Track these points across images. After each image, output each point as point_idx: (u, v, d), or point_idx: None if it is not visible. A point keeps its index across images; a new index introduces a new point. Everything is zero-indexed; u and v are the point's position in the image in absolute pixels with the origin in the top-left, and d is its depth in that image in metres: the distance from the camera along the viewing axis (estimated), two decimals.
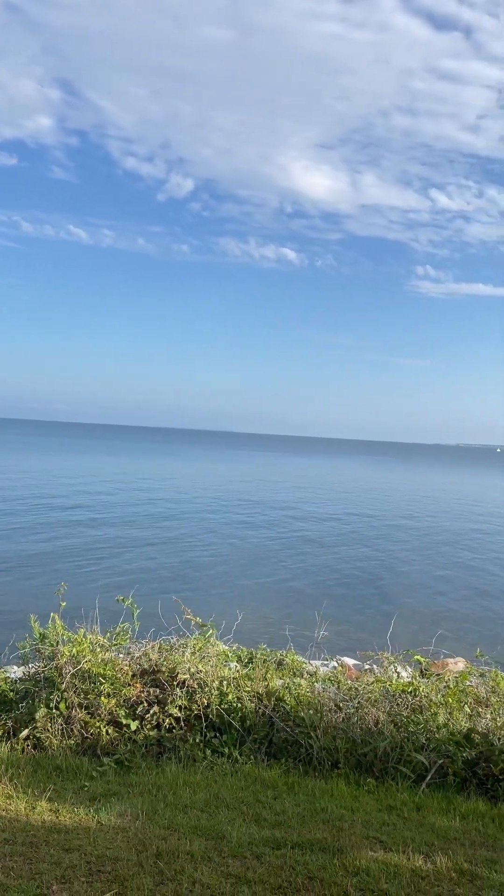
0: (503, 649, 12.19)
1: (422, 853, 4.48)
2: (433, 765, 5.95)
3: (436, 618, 16.97)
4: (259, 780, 5.70)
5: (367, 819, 5.03)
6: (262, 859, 4.21)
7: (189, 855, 4.19)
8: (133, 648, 7.10)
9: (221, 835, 4.51)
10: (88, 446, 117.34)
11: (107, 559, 21.75)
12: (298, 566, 22.96)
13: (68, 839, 4.35)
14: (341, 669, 8.50)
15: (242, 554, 24.50)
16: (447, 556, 26.67)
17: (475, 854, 4.57)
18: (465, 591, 20.81)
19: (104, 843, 4.31)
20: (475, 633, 15.83)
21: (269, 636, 10.98)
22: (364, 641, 11.47)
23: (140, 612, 7.35)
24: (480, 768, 5.96)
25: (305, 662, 8.34)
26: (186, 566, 21.75)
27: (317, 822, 4.87)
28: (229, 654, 7.76)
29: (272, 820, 4.88)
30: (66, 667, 6.47)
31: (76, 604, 7.50)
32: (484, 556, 27.18)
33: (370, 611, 17.57)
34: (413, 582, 21.71)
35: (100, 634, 7.13)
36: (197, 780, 5.60)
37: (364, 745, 6.10)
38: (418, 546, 28.53)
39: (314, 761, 6.08)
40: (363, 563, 24.20)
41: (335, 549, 26.72)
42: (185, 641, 7.28)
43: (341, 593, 19.42)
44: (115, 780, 5.55)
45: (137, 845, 4.29)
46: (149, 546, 24.62)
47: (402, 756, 6.02)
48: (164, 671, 6.63)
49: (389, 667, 7.62)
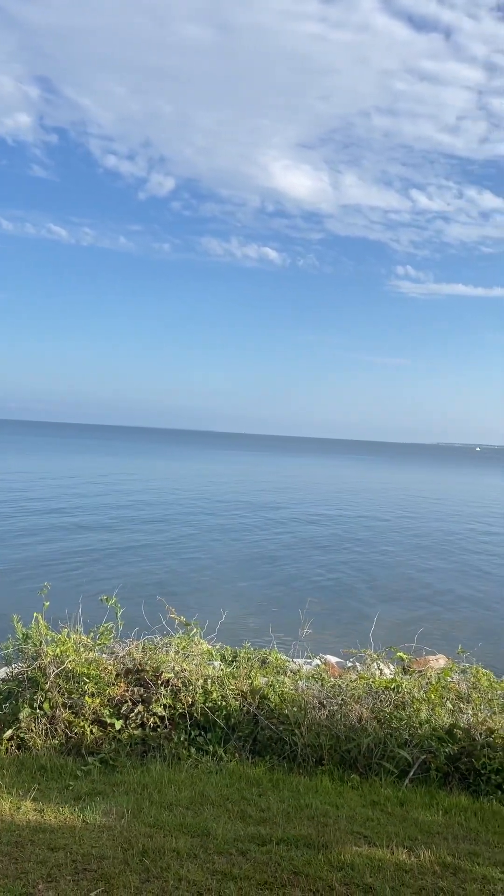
0: (484, 646, 12.33)
1: (405, 847, 4.53)
2: (416, 760, 6.01)
3: (417, 615, 17.10)
4: (244, 777, 5.73)
5: (351, 814, 5.07)
6: (247, 856, 4.23)
7: (175, 852, 4.21)
8: (117, 648, 7.09)
9: (207, 832, 4.53)
10: (64, 446, 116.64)
11: (90, 559, 21.67)
12: (281, 565, 23.02)
13: (54, 838, 4.35)
14: (324, 667, 8.55)
15: (225, 553, 24.52)
16: (428, 554, 26.87)
17: (458, 847, 4.63)
18: (446, 588, 20.99)
19: (90, 841, 4.31)
20: (456, 630, 15.97)
21: (252, 635, 11.00)
22: (347, 639, 11.54)
23: (124, 612, 7.34)
24: (462, 763, 6.03)
25: (289, 660, 8.37)
26: (170, 566, 21.73)
27: (301, 819, 4.90)
28: (213, 652, 7.77)
29: (257, 817, 4.90)
30: (49, 667, 6.46)
31: (59, 604, 7.48)
32: (465, 554, 27.41)
33: (353, 609, 17.66)
34: (395, 580, 21.85)
35: (83, 634, 7.11)
36: (182, 778, 5.61)
37: (348, 741, 6.14)
38: (400, 544, 28.71)
39: (298, 758, 6.11)
40: (345, 561, 24.32)
41: (317, 548, 26.82)
42: (169, 640, 7.28)
43: (324, 592, 19.50)
44: (100, 780, 5.54)
45: (123, 843, 4.30)
46: (133, 546, 24.56)
47: (385, 752, 6.08)
48: (149, 670, 6.63)
49: (372, 664, 7.67)
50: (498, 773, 5.88)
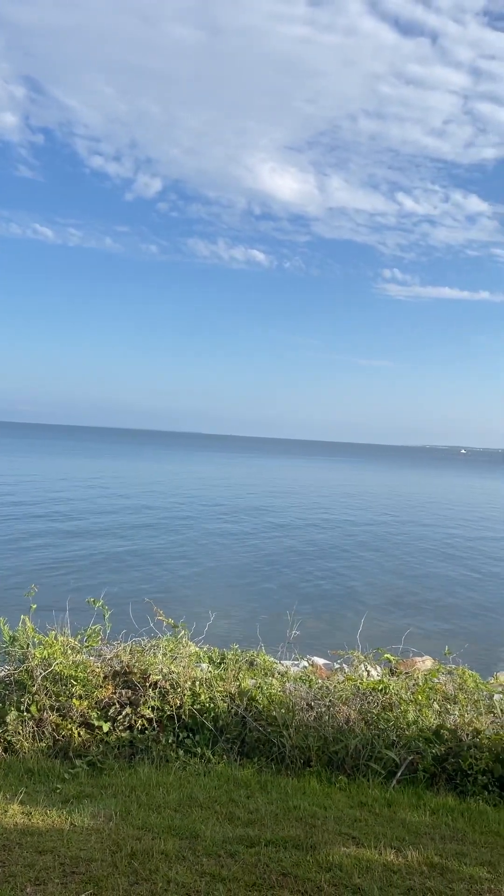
0: (470, 647, 12.40)
1: (393, 848, 4.55)
2: (403, 761, 6.04)
3: (404, 617, 17.17)
4: (232, 779, 5.73)
5: (339, 816, 5.09)
6: (236, 857, 4.24)
7: (163, 854, 4.20)
8: (105, 650, 7.07)
9: (195, 834, 4.53)
10: (52, 447, 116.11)
11: (78, 561, 21.59)
12: (269, 567, 23.03)
13: (41, 841, 4.33)
14: (312, 669, 8.57)
15: (213, 555, 24.50)
16: (415, 556, 26.98)
17: (445, 848, 4.66)
18: (432, 590, 21.09)
19: (78, 844, 4.30)
20: (442, 632, 16.05)
21: (240, 636, 10.99)
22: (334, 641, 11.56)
23: (111, 614, 7.32)
24: (449, 764, 6.07)
25: (276, 662, 8.38)
26: (158, 567, 21.69)
27: (290, 820, 4.91)
28: (201, 654, 7.77)
29: (246, 818, 4.91)
30: (37, 669, 6.43)
31: (47, 606, 7.45)
32: (451, 556, 27.55)
33: (340, 611, 17.70)
34: (382, 582, 21.92)
35: (71, 636, 7.09)
36: (170, 780, 5.60)
37: (336, 742, 6.16)
38: (386, 546, 28.81)
39: (287, 760, 6.12)
40: (332, 563, 24.37)
41: (303, 550, 26.86)
42: (156, 642, 7.27)
43: (311, 594, 19.54)
44: (88, 782, 5.53)
45: (111, 846, 4.29)
46: (120, 548, 24.49)
47: (372, 753, 6.10)
48: (136, 672, 6.62)
49: (360, 665, 7.70)
50: (484, 773, 5.92)
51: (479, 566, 25.62)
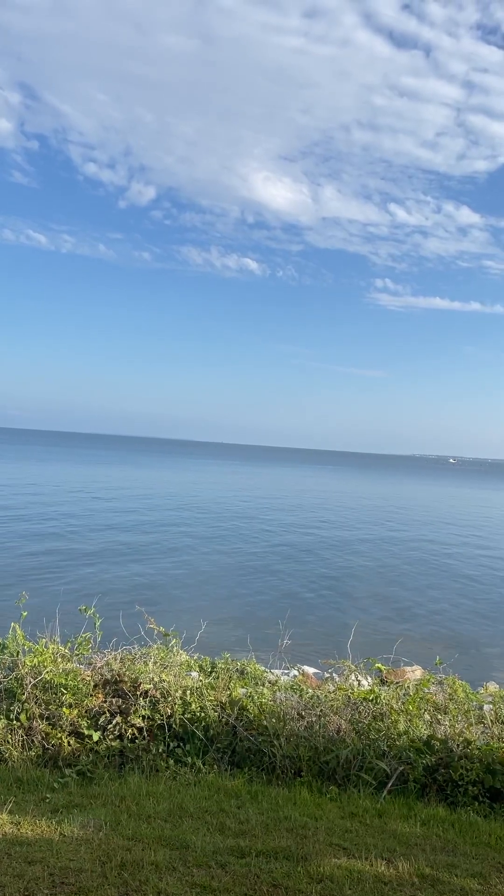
0: (461, 657, 12.43)
1: (384, 859, 4.54)
2: (394, 771, 6.03)
3: (395, 627, 17.17)
4: (223, 789, 5.70)
5: (330, 826, 5.08)
6: (226, 868, 4.22)
7: (153, 865, 4.18)
8: (95, 658, 7.04)
9: (185, 844, 4.51)
10: (44, 453, 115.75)
11: (68, 569, 21.50)
12: (260, 576, 23.00)
13: (30, 851, 4.30)
14: (302, 678, 8.56)
15: (204, 564, 24.45)
16: (405, 565, 27.01)
17: (436, 859, 4.65)
18: (423, 600, 21.10)
19: (67, 854, 4.27)
20: (433, 642, 16.06)
21: (231, 645, 10.97)
22: (325, 650, 11.55)
23: (102, 622, 7.29)
24: (440, 774, 6.06)
25: (267, 671, 8.37)
26: (149, 576, 21.62)
27: (280, 831, 4.89)
28: (192, 663, 7.74)
29: (236, 829, 4.89)
30: (27, 677, 6.40)
31: (37, 614, 7.41)
32: (441, 566, 27.59)
33: (331, 620, 17.69)
34: (372, 592, 21.92)
35: (61, 645, 7.05)
36: (160, 790, 5.58)
37: (326, 752, 6.15)
38: (377, 556, 28.83)
39: (277, 770, 6.10)
40: (323, 572, 24.36)
41: (295, 559, 26.84)
42: (147, 651, 7.25)
43: (302, 603, 19.52)
44: (78, 792, 5.49)
45: (101, 856, 4.26)
46: (111, 556, 24.41)
47: (363, 763, 6.09)
48: (127, 681, 6.59)
49: (350, 675, 7.68)
50: (475, 784, 5.91)
51: (470, 576, 25.66)
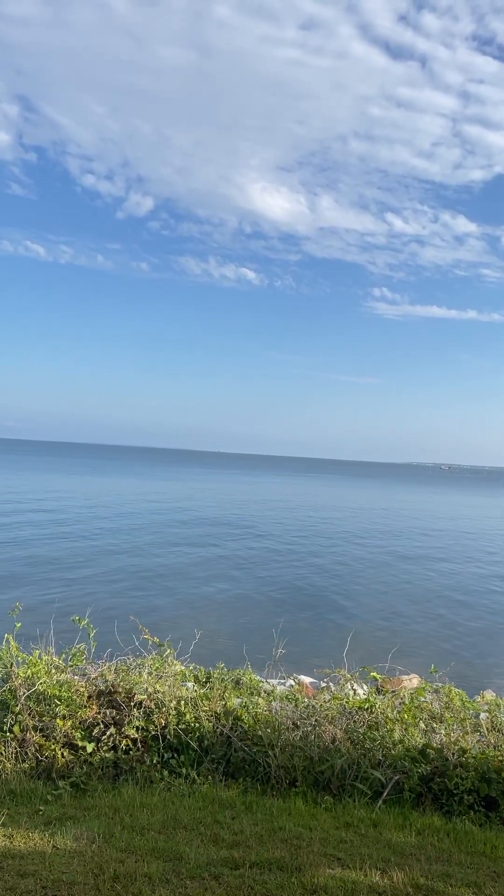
0: (456, 665, 12.41)
1: (379, 869, 4.52)
2: (389, 781, 6.00)
3: (391, 635, 17.15)
4: (217, 800, 5.68)
5: (324, 837, 5.05)
6: (220, 880, 4.20)
7: (147, 877, 4.15)
8: (89, 669, 7.01)
9: (179, 856, 4.48)
10: (40, 463, 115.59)
11: (62, 579, 21.43)
12: (255, 585, 22.96)
13: (23, 864, 4.27)
14: (298, 688, 8.52)
15: (199, 573, 24.40)
16: (401, 573, 26.99)
17: (431, 869, 4.63)
18: (418, 608, 21.08)
19: (60, 867, 4.25)
20: (429, 650, 16.03)
21: (226, 655, 10.93)
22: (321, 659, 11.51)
23: (96, 633, 7.26)
24: (435, 783, 6.04)
25: (262, 681, 8.34)
26: (143, 586, 21.56)
27: (275, 841, 4.87)
28: (186, 673, 7.71)
29: (230, 840, 4.86)
30: (20, 689, 6.36)
31: (31, 624, 7.39)
32: (436, 573, 27.57)
33: (326, 629, 17.65)
34: (368, 600, 21.90)
35: (55, 655, 7.02)
36: (154, 801, 5.55)
37: (321, 762, 6.12)
38: (373, 564, 28.81)
39: (272, 780, 6.08)
40: (319, 581, 24.33)
41: (290, 568, 26.81)
42: (141, 661, 7.22)
43: (297, 612, 19.48)
44: (71, 804, 5.46)
45: (94, 868, 4.23)
46: (105, 566, 24.34)
47: (359, 773, 6.07)
48: (121, 692, 6.56)
49: (346, 684, 7.66)
50: (470, 793, 5.90)
51: (467, 584, 25.65)
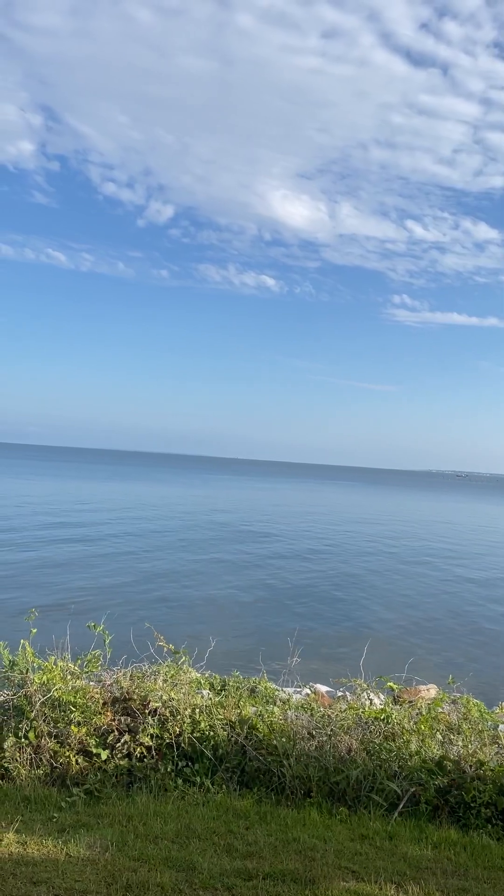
0: (475, 676, 12.27)
1: (394, 883, 4.47)
2: (405, 793, 5.94)
3: (408, 644, 17.01)
4: (231, 809, 5.64)
5: (339, 849, 5.00)
6: (232, 891, 4.17)
7: (159, 887, 4.13)
8: (104, 676, 7.01)
9: (192, 866, 4.46)
10: (61, 469, 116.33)
11: (78, 585, 21.50)
12: (272, 593, 22.90)
13: (36, 872, 4.27)
14: (314, 697, 8.48)
15: (215, 580, 24.38)
16: (420, 581, 26.79)
17: (447, 883, 4.56)
18: (437, 617, 20.90)
19: (73, 875, 4.24)
20: (447, 660, 15.88)
21: (241, 663, 10.90)
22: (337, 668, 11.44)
23: (112, 639, 7.26)
24: (452, 796, 5.96)
25: (278, 690, 8.30)
26: (159, 593, 21.58)
27: (289, 853, 4.83)
28: (202, 681, 7.70)
29: (244, 850, 4.83)
30: (35, 695, 6.38)
31: (47, 630, 7.41)
32: (456, 581, 27.34)
33: (343, 638, 17.54)
34: (386, 608, 21.75)
35: (71, 662, 7.04)
36: (168, 810, 5.53)
37: (337, 773, 6.07)
38: (391, 572, 28.63)
39: (287, 790, 6.03)
40: (336, 589, 24.21)
41: (308, 575, 26.71)
42: (157, 668, 7.21)
43: (314, 620, 19.39)
44: (85, 811, 5.45)
45: (107, 877, 4.22)
46: (121, 573, 24.40)
47: (374, 784, 6.01)
48: (136, 699, 6.55)
49: (362, 694, 7.60)
50: (488, 806, 5.81)
51: (485, 593, 25.41)
